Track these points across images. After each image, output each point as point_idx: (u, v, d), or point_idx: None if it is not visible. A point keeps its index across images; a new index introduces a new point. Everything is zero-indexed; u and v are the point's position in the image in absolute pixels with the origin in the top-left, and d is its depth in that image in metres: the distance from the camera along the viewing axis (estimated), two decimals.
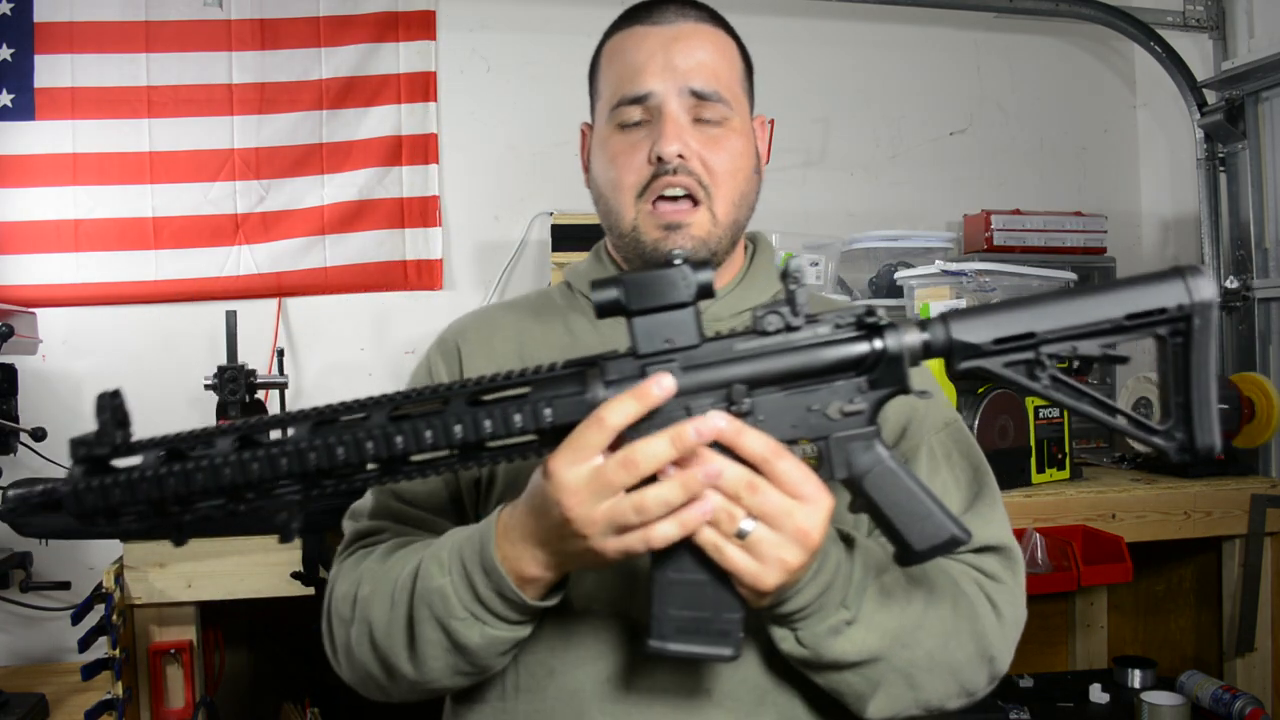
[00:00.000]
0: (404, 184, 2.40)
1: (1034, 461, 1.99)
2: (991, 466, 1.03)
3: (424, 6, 2.41)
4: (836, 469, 0.74)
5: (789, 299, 0.72)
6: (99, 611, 1.59)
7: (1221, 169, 2.54)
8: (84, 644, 1.60)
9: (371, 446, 0.68)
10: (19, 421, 1.82)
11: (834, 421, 0.73)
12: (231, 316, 1.97)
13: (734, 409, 0.70)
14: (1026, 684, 2.22)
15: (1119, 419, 0.72)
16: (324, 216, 2.35)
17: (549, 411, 0.70)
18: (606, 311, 0.72)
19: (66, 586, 2.00)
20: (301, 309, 2.36)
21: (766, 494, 0.71)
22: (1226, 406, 2.04)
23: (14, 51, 2.21)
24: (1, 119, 2.20)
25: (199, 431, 0.70)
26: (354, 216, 2.36)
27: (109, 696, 1.57)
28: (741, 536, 0.71)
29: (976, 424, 1.87)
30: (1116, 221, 2.61)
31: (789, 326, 0.72)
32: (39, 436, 1.79)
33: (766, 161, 1.07)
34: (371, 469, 0.70)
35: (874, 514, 0.75)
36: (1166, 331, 0.70)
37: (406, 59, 2.41)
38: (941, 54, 2.74)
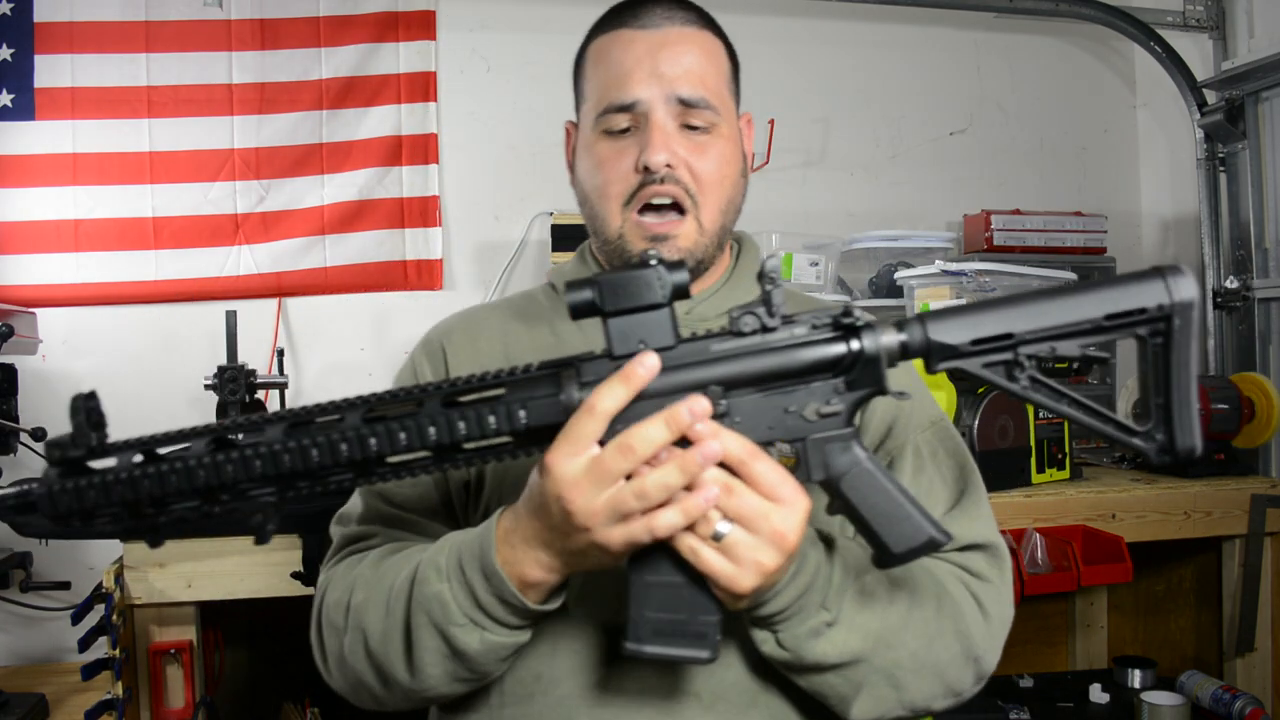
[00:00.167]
0: (404, 184, 2.40)
1: (1034, 461, 1.99)
2: (992, 466, 1.02)
3: (424, 6, 2.41)
4: (814, 471, 0.73)
5: (765, 299, 0.72)
6: (99, 611, 1.59)
7: (1221, 169, 2.54)
8: (84, 644, 1.60)
9: (345, 448, 0.68)
10: (19, 421, 1.82)
11: (811, 423, 0.72)
12: (231, 316, 1.97)
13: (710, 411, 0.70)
14: (1026, 684, 2.22)
15: (1098, 420, 0.71)
16: (324, 216, 2.35)
17: (524, 413, 0.70)
18: (581, 312, 0.71)
19: (66, 586, 2.00)
20: (301, 309, 2.36)
21: (743, 496, 0.71)
22: (1226, 406, 2.05)
23: (14, 51, 2.21)
24: (1, 119, 2.20)
25: (174, 433, 0.69)
26: (354, 216, 2.36)
27: (109, 696, 1.57)
28: (718, 539, 0.71)
29: (976, 424, 1.87)
30: (1116, 221, 2.62)
31: (765, 327, 0.72)
32: (39, 436, 1.78)
33: (753, 159, 1.06)
34: (346, 471, 0.70)
35: (851, 516, 0.74)
36: (1146, 332, 0.70)
37: (406, 59, 2.41)
38: (941, 54, 2.74)
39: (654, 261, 0.71)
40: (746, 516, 0.71)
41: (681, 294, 0.71)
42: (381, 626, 0.85)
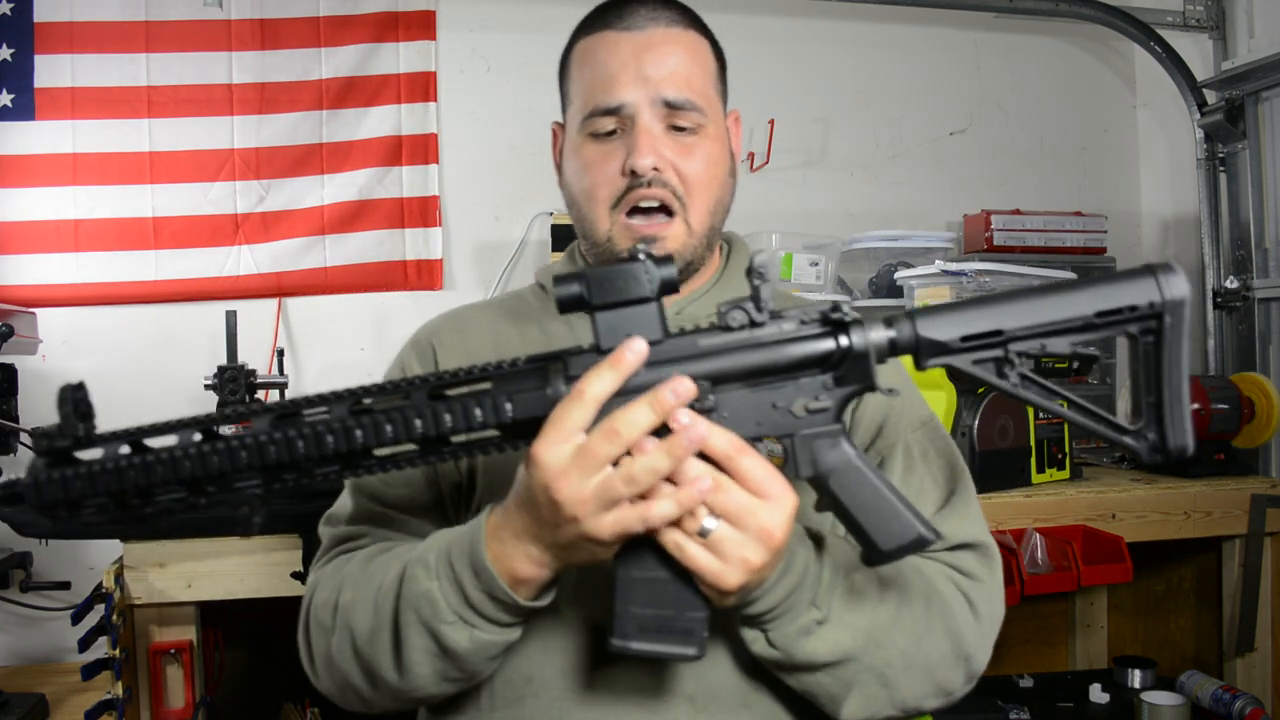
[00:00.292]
0: (404, 184, 2.40)
1: (1034, 461, 1.99)
2: (991, 466, 1.03)
3: (424, 6, 2.41)
4: (801, 467, 0.73)
5: (754, 295, 0.71)
6: (99, 611, 1.59)
7: (1221, 169, 2.54)
8: (84, 644, 1.60)
9: (331, 440, 0.68)
10: (19, 421, 1.82)
11: (799, 419, 0.72)
12: (231, 316, 1.97)
13: (697, 406, 0.69)
14: (1026, 684, 2.22)
15: (1089, 418, 0.71)
16: (324, 216, 2.35)
17: (510, 406, 0.69)
18: (569, 306, 0.71)
19: (66, 586, 2.00)
20: (301, 309, 2.36)
21: (730, 492, 0.70)
22: (1226, 406, 2.05)
23: (14, 51, 2.21)
24: (1, 119, 2.20)
25: (161, 424, 0.69)
26: (354, 216, 2.36)
27: (109, 696, 1.57)
28: (704, 535, 0.70)
29: (976, 424, 1.86)
30: (1116, 221, 2.62)
31: (753, 322, 0.71)
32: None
33: (740, 158, 1.06)
34: (332, 463, 0.70)
35: (840, 513, 0.74)
36: (1137, 330, 0.69)
37: (406, 59, 2.41)
38: (941, 54, 2.74)
39: (642, 256, 0.70)
40: (733, 512, 0.70)
41: (669, 288, 0.71)
42: (369, 625, 0.84)
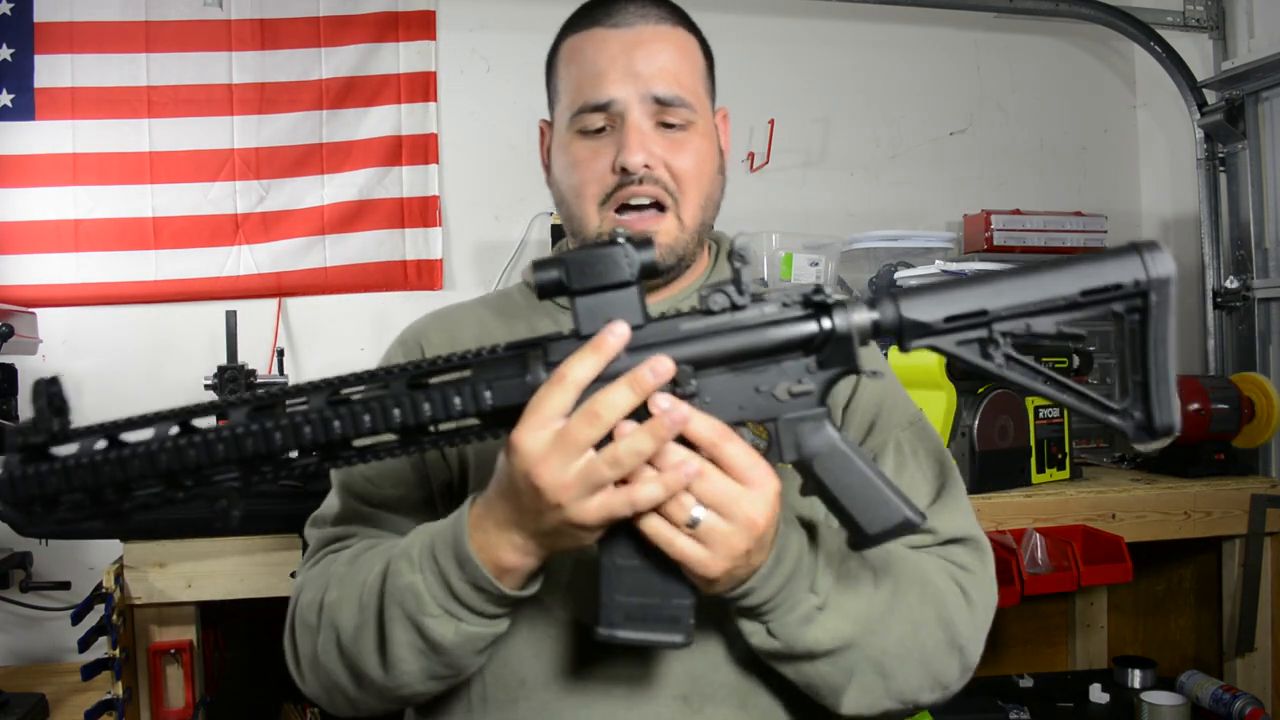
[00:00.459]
0: (404, 184, 2.40)
1: (1034, 461, 1.99)
2: (992, 466, 1.03)
3: (424, 6, 2.41)
4: (786, 451, 0.72)
5: (735, 278, 0.70)
6: (99, 611, 1.59)
7: (1221, 169, 2.54)
8: (84, 644, 1.60)
9: (309, 431, 0.67)
10: (19, 421, 1.82)
11: (782, 402, 0.71)
12: (231, 316, 1.97)
13: (679, 390, 0.69)
14: (1026, 684, 2.22)
15: (1074, 398, 0.70)
16: (324, 216, 2.35)
17: (489, 394, 0.69)
18: (548, 292, 0.70)
19: (66, 586, 2.00)
20: (301, 309, 2.36)
21: (715, 480, 0.70)
22: (1226, 406, 2.04)
23: (14, 51, 2.21)
24: (1, 119, 2.20)
25: (138, 418, 0.68)
26: (354, 216, 2.36)
27: (109, 696, 1.57)
28: (693, 525, 0.70)
29: (976, 424, 1.86)
30: (1116, 221, 2.61)
31: (735, 306, 0.70)
32: None
33: (728, 154, 1.05)
34: (311, 454, 0.69)
35: (825, 497, 0.73)
36: (1123, 308, 0.69)
37: (406, 59, 2.41)
38: (941, 54, 2.74)
39: (621, 240, 0.69)
40: (719, 501, 0.70)
41: (650, 272, 0.70)
42: (354, 622, 0.84)
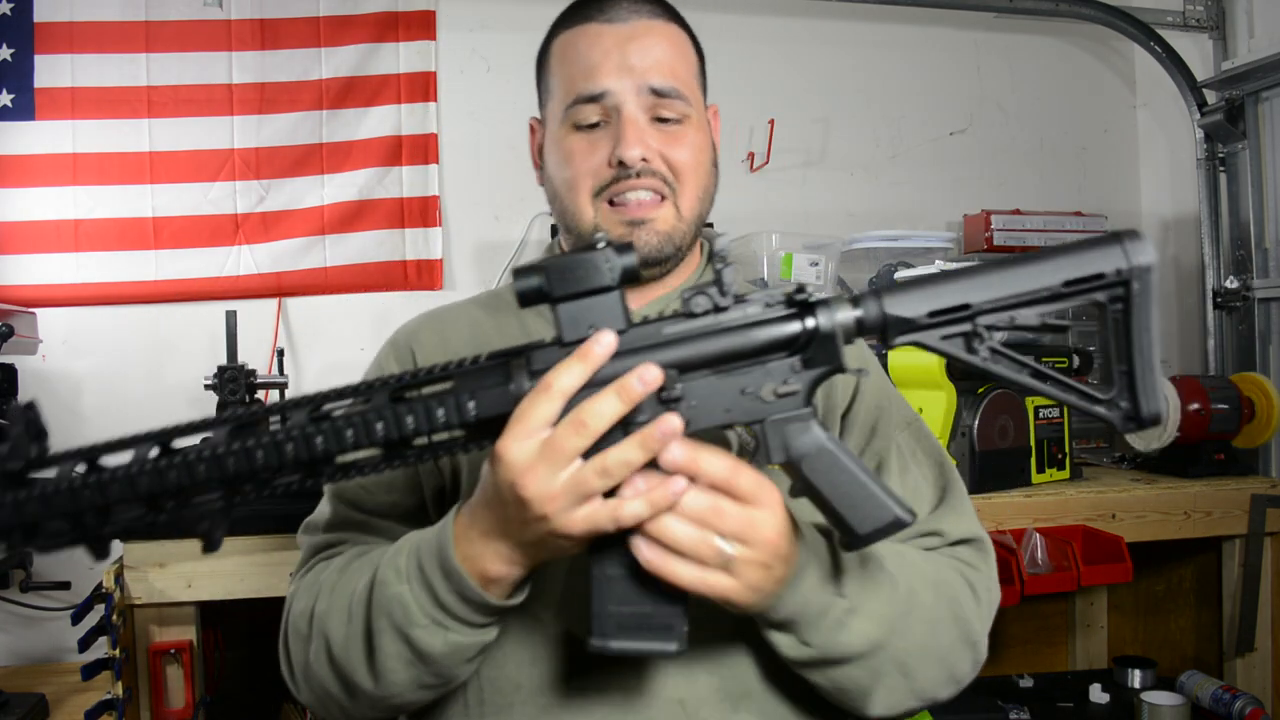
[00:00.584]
0: (404, 184, 2.40)
1: (1034, 461, 1.99)
2: (992, 466, 1.04)
3: (424, 6, 2.41)
4: (774, 453, 0.71)
5: (717, 279, 0.70)
6: (99, 611, 1.59)
7: (1221, 169, 2.54)
8: (84, 644, 1.60)
9: (291, 449, 0.66)
10: None
11: (768, 404, 0.70)
12: (231, 316, 1.97)
13: (664, 395, 0.68)
14: (1026, 684, 2.22)
15: (1060, 389, 0.70)
16: (324, 216, 2.35)
17: (473, 405, 0.68)
18: (529, 300, 0.69)
19: (66, 586, 2.00)
20: (301, 309, 2.36)
21: (732, 514, 0.70)
22: (1226, 406, 2.05)
23: (14, 51, 2.21)
24: (1, 119, 2.20)
25: (115, 441, 0.67)
26: (354, 216, 2.36)
27: (109, 696, 1.57)
28: (728, 564, 0.70)
29: (976, 424, 1.86)
30: (1116, 221, 2.61)
31: (717, 307, 0.70)
32: None
33: (719, 151, 1.04)
34: (294, 472, 0.68)
35: (814, 498, 0.73)
36: (1105, 298, 0.68)
37: (406, 59, 2.40)
38: (941, 54, 2.74)
39: (601, 244, 0.69)
40: (740, 530, 0.70)
41: (631, 277, 0.69)
42: (344, 633, 0.83)
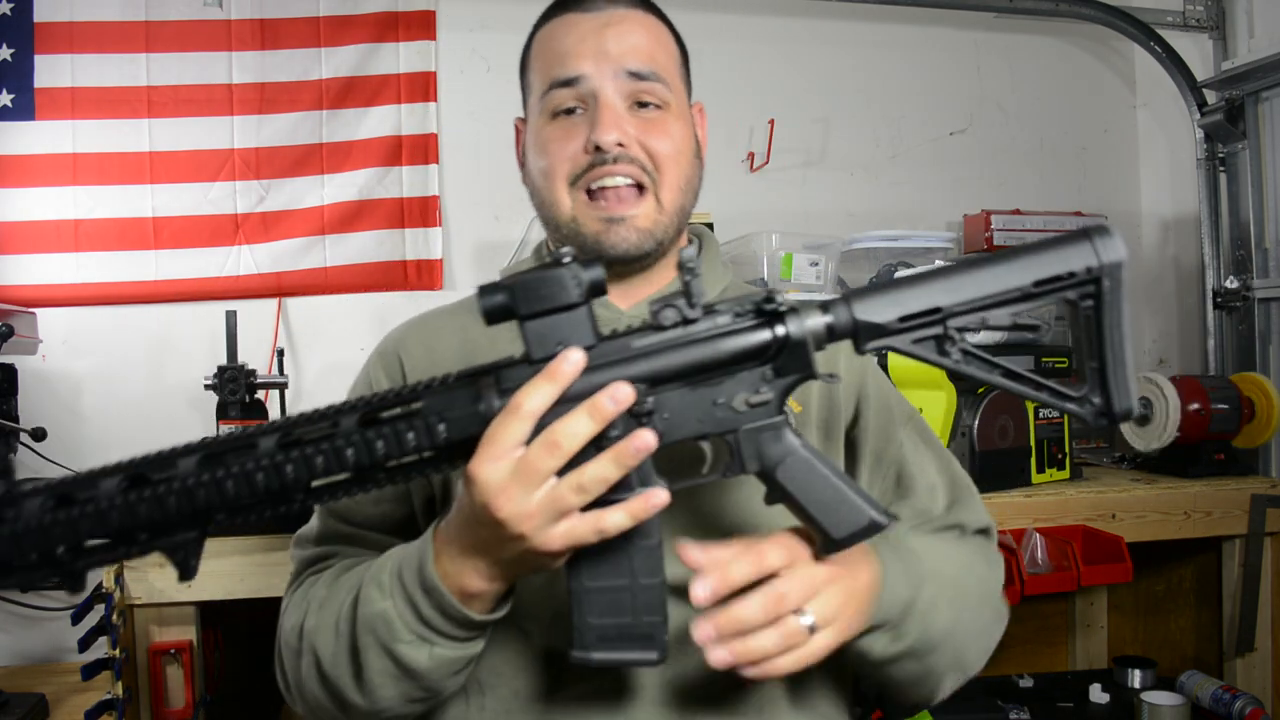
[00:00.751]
0: (404, 184, 2.40)
1: (1034, 461, 1.99)
2: (992, 466, 1.05)
3: (424, 6, 2.41)
4: (748, 462, 0.72)
5: (685, 290, 0.69)
6: (99, 611, 1.59)
7: (1221, 169, 2.54)
8: (84, 644, 1.60)
9: (262, 478, 0.65)
10: (19, 421, 1.82)
11: (740, 414, 0.71)
12: (231, 316, 1.96)
13: (635, 408, 0.68)
14: (1026, 684, 2.22)
15: (1031, 388, 0.71)
16: (324, 216, 2.34)
17: (443, 427, 0.67)
18: (495, 317, 0.68)
19: None
20: (301, 309, 2.36)
21: (789, 590, 0.72)
22: (1226, 406, 2.05)
23: (14, 51, 2.20)
24: (1, 119, 2.20)
25: (84, 476, 0.67)
26: (354, 216, 2.36)
27: (109, 696, 1.57)
28: (814, 630, 0.73)
29: (976, 424, 1.86)
30: (1116, 221, 2.61)
31: (686, 319, 0.70)
32: (39, 436, 1.79)
33: (705, 147, 1.03)
34: (265, 502, 0.68)
35: (790, 504, 0.73)
36: (1076, 295, 0.69)
37: (406, 59, 2.40)
38: (941, 54, 2.74)
39: (567, 259, 0.68)
40: (805, 596, 0.73)
41: (598, 290, 0.69)
42: (332, 649, 0.83)
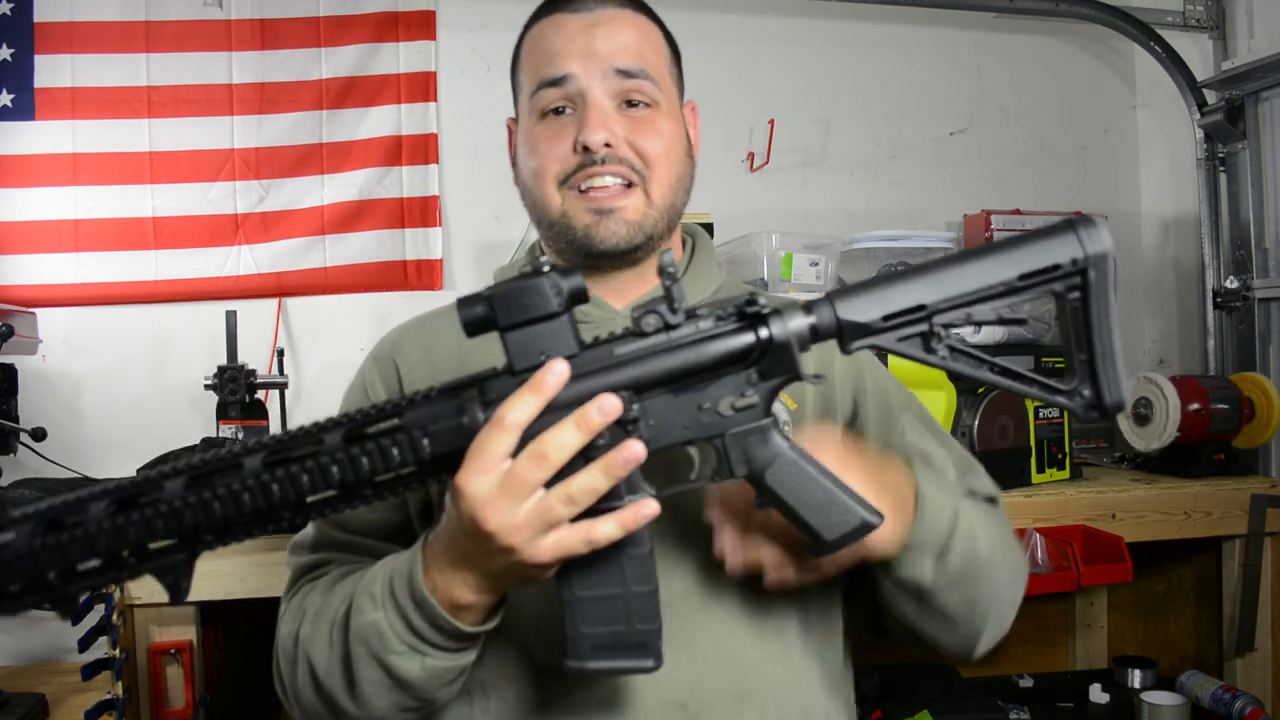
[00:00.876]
0: (404, 184, 2.40)
1: (1034, 461, 1.99)
2: (992, 466, 1.06)
3: (424, 6, 2.41)
4: (736, 467, 0.71)
5: (666, 295, 0.69)
6: (99, 611, 1.59)
7: (1221, 169, 2.54)
8: (84, 644, 1.60)
9: (249, 499, 0.65)
10: (19, 421, 1.82)
11: (726, 418, 0.70)
12: (231, 316, 1.97)
13: (620, 417, 0.67)
14: (1026, 684, 2.22)
15: (1020, 383, 0.70)
16: (324, 216, 2.34)
17: (428, 442, 0.67)
18: (475, 329, 0.68)
19: None
20: (301, 309, 2.36)
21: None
22: (1226, 406, 2.05)
23: (14, 51, 2.20)
24: (1, 119, 2.20)
25: (72, 500, 0.66)
26: (354, 216, 2.36)
27: (109, 696, 1.57)
28: None
29: (976, 424, 1.86)
30: (1116, 221, 2.61)
31: (668, 325, 0.69)
32: (39, 436, 1.79)
33: (697, 146, 1.03)
34: (252, 522, 0.67)
35: (780, 507, 0.73)
36: (1062, 288, 0.68)
37: (406, 59, 2.40)
38: (941, 54, 2.74)
39: (546, 269, 0.68)
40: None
41: (578, 298, 0.68)
42: (326, 658, 0.83)
